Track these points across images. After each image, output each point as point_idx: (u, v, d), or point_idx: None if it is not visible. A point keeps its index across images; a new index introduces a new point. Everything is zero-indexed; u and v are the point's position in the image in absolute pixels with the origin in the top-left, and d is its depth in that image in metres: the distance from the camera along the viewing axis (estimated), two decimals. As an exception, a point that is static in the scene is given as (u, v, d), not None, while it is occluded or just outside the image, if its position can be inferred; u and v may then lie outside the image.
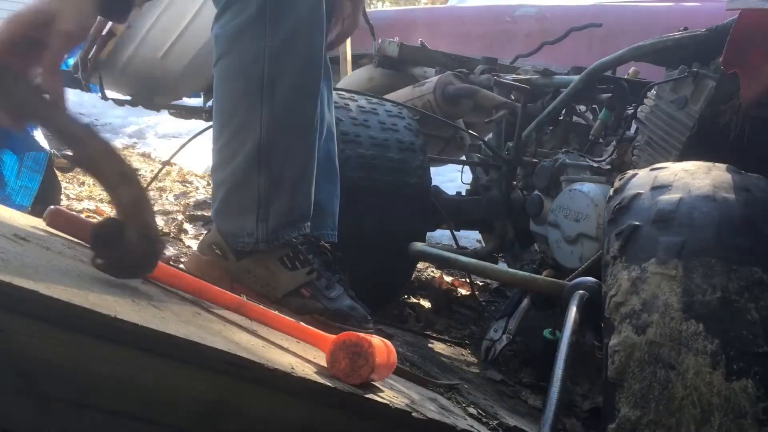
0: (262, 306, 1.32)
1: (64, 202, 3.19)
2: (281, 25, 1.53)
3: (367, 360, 1.13)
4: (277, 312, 1.33)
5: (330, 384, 1.06)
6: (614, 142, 2.01)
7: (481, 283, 2.91)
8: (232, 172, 1.61)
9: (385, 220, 2.16)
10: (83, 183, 3.91)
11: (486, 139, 2.50)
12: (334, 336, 1.18)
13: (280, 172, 1.61)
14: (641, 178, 1.30)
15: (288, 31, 1.54)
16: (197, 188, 4.27)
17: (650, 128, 1.84)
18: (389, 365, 1.22)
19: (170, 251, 2.48)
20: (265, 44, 1.53)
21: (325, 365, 1.15)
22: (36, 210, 2.13)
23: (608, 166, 2.01)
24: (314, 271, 1.67)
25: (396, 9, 8.44)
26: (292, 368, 1.04)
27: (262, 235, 1.63)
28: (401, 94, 2.69)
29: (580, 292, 1.32)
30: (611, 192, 1.33)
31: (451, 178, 3.96)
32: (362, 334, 1.16)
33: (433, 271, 3.08)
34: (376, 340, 1.17)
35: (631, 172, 1.37)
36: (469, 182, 2.55)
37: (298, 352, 1.21)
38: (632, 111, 1.99)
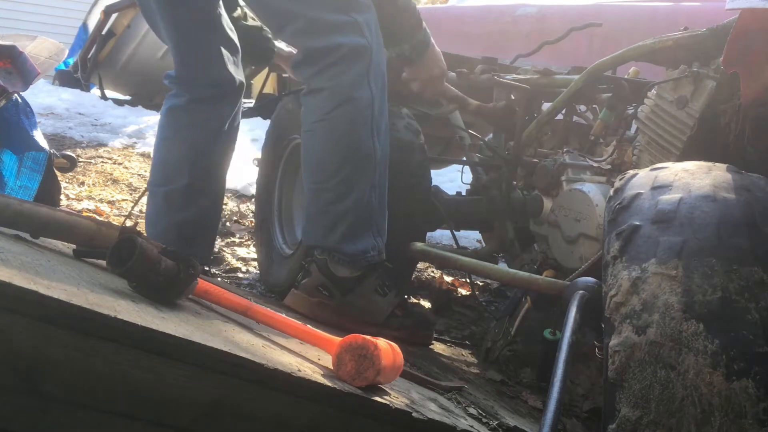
0: (269, 308, 1.32)
1: (64, 202, 3.19)
2: (378, 75, 1.88)
3: (373, 363, 1.13)
4: (284, 315, 1.33)
5: (330, 384, 1.06)
6: (614, 142, 2.01)
7: (481, 283, 2.91)
8: (355, 202, 1.85)
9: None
10: (83, 183, 3.91)
11: (486, 139, 2.49)
12: (339, 338, 1.18)
13: (384, 193, 1.91)
14: (641, 178, 1.30)
15: (380, 80, 1.89)
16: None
17: (650, 128, 1.84)
18: (395, 368, 1.22)
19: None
20: (372, 90, 1.86)
21: (330, 367, 1.15)
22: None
23: (608, 166, 2.00)
24: (399, 293, 1.94)
25: (396, 9, 8.41)
26: (294, 369, 1.04)
27: (382, 247, 1.90)
28: None
29: (580, 292, 1.32)
30: (611, 192, 1.33)
31: (451, 178, 3.96)
32: (368, 337, 1.16)
33: (433, 271, 3.08)
34: (382, 343, 1.17)
35: (631, 172, 1.37)
36: (469, 182, 2.54)
37: (300, 354, 1.21)
38: (632, 111, 1.99)
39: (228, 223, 3.45)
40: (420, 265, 2.94)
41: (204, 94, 2.19)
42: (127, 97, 7.13)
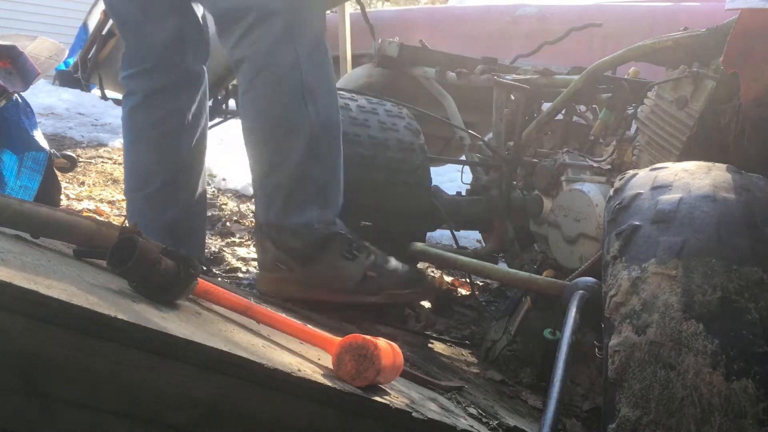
0: (269, 308, 1.32)
1: (64, 202, 3.19)
2: (306, 35, 1.78)
3: (373, 362, 1.13)
4: (284, 314, 1.33)
5: (330, 384, 1.06)
6: (614, 142, 2.01)
7: (481, 283, 2.91)
8: (290, 173, 1.76)
9: (385, 220, 2.16)
10: (83, 183, 3.91)
11: (486, 139, 2.50)
12: (339, 338, 1.18)
13: (331, 162, 1.82)
14: (641, 178, 1.30)
15: (315, 38, 1.80)
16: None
17: (650, 128, 1.84)
18: (395, 368, 1.22)
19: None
20: (298, 53, 1.76)
21: (330, 367, 1.15)
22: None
23: (608, 166, 2.01)
24: (372, 253, 1.82)
25: (396, 9, 8.43)
26: (294, 369, 1.04)
27: (330, 218, 1.80)
28: None
29: (580, 292, 1.32)
30: (611, 192, 1.33)
31: (451, 178, 3.96)
32: (369, 337, 1.16)
33: (433, 271, 3.08)
34: (382, 343, 1.17)
35: (631, 172, 1.37)
36: (469, 182, 2.54)
37: (300, 353, 1.21)
38: (632, 111, 1.99)
39: (228, 223, 3.45)
40: (420, 265, 2.94)
41: (157, 84, 2.09)
42: (127, 98, 7.13)
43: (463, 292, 2.85)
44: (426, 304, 2.60)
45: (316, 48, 1.81)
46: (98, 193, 3.72)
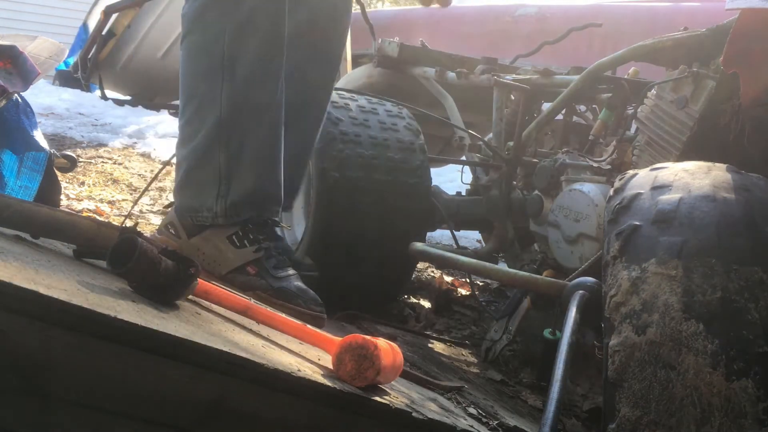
0: (268, 308, 1.32)
1: (64, 202, 3.19)
2: (243, 4, 1.62)
3: (373, 363, 1.13)
4: (284, 315, 1.33)
5: (330, 384, 1.06)
6: (614, 142, 2.01)
7: (481, 283, 2.91)
8: (193, 149, 1.69)
9: (385, 220, 2.16)
10: (83, 183, 3.91)
11: (486, 139, 2.50)
12: (339, 338, 1.18)
13: (240, 150, 1.68)
14: (641, 178, 1.30)
15: (249, 10, 1.62)
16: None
17: (650, 128, 1.84)
18: (395, 368, 1.22)
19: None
20: (226, 23, 1.62)
21: (330, 367, 1.15)
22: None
23: (608, 166, 2.00)
24: (262, 250, 1.71)
25: (396, 9, 8.44)
26: (294, 369, 1.04)
27: (221, 210, 1.70)
28: None
29: (580, 292, 1.32)
30: (611, 192, 1.33)
31: (451, 178, 3.95)
32: (369, 337, 1.16)
33: (433, 271, 3.08)
34: (382, 343, 1.17)
35: (631, 172, 1.37)
36: (469, 182, 2.54)
37: (300, 353, 1.21)
38: (632, 111, 1.99)
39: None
40: (420, 265, 2.94)
41: None
42: (128, 98, 7.15)
43: (463, 292, 2.85)
44: (426, 304, 2.60)
45: (253, 17, 1.64)
46: (98, 193, 3.71)
